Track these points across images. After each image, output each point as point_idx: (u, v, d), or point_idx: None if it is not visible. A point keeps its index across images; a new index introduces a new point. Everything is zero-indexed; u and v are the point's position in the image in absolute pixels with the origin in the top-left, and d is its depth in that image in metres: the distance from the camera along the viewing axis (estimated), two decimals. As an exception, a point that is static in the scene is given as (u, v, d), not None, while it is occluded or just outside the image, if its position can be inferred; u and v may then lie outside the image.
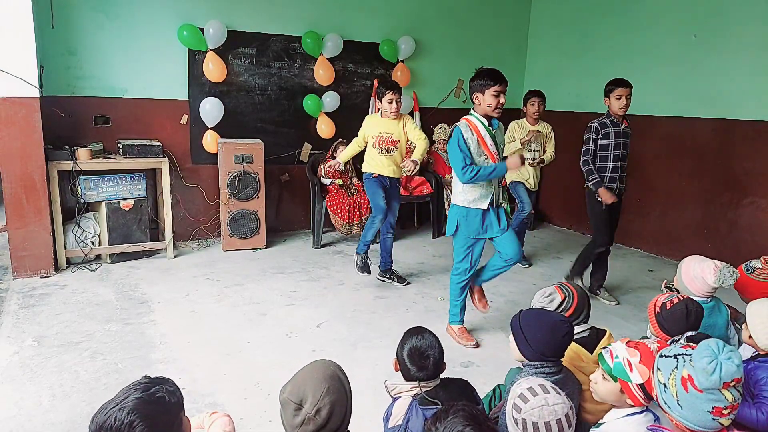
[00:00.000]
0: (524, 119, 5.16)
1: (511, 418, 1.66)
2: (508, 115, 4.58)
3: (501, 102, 3.32)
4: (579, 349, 2.28)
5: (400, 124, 4.42)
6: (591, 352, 2.27)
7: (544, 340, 1.98)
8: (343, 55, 6.02)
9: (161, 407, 1.46)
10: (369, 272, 4.56)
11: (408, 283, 4.68)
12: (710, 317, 2.50)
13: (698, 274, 2.58)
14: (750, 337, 2.18)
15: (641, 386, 1.69)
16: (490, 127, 3.41)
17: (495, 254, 3.61)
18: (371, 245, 4.57)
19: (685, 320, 2.20)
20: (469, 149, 3.36)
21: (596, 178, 4.17)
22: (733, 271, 2.52)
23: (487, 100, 3.31)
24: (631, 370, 1.71)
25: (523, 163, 3.46)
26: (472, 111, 3.45)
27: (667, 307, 2.28)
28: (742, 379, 1.47)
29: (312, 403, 1.53)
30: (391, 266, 4.75)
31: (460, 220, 3.50)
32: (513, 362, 2.45)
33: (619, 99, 4.09)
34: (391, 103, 4.27)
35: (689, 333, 2.09)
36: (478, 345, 3.64)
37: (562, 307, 2.38)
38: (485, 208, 3.46)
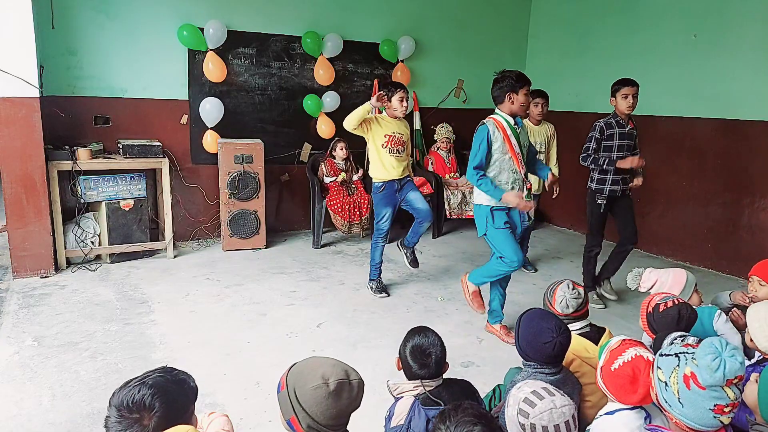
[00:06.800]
0: (526, 120, 5.07)
1: (516, 423, 1.64)
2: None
3: (530, 101, 3.67)
4: (586, 342, 2.29)
5: (405, 126, 4.42)
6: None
7: (526, 341, 2.04)
8: (343, 55, 6.02)
9: (181, 389, 1.53)
10: (388, 293, 4.47)
11: (417, 266, 4.61)
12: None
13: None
14: (751, 340, 2.17)
15: None
16: (516, 126, 3.52)
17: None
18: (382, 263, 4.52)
19: (675, 325, 2.18)
20: (490, 148, 3.46)
21: (605, 159, 4.09)
22: (637, 273, 2.64)
23: (520, 99, 3.48)
24: None
25: (520, 202, 3.45)
26: (496, 110, 3.54)
27: (660, 310, 2.26)
28: (744, 377, 1.47)
29: (337, 375, 1.60)
30: (414, 247, 4.61)
31: (489, 217, 3.55)
32: (513, 362, 2.46)
33: (626, 98, 4.06)
34: (402, 101, 4.22)
35: (680, 333, 2.08)
36: None
37: (582, 301, 2.42)
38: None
